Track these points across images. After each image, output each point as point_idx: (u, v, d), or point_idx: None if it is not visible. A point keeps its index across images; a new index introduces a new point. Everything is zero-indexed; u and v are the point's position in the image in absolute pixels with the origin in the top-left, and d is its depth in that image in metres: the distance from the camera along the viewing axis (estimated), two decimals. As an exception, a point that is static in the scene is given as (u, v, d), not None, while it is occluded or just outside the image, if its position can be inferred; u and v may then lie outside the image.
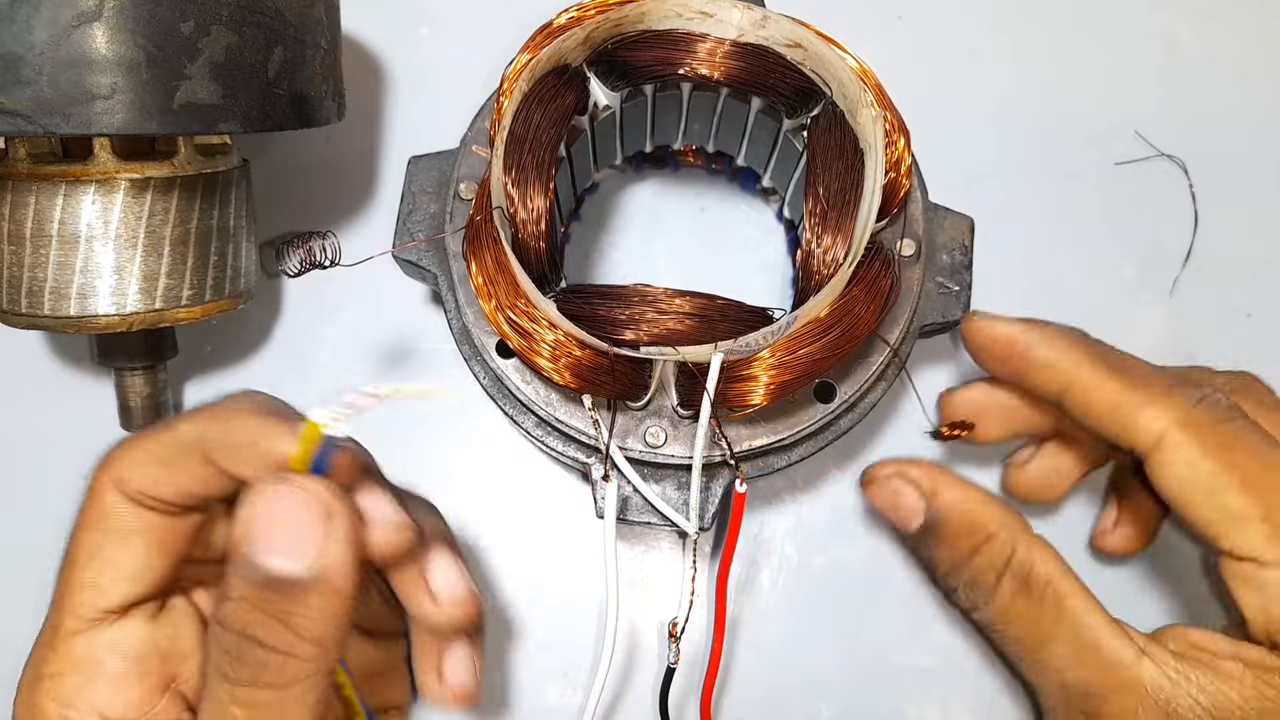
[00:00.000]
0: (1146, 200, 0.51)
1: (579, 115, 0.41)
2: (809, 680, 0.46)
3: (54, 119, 0.34)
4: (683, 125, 0.45)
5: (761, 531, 0.47)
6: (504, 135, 0.38)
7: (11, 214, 0.39)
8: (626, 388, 0.38)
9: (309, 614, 0.30)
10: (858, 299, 0.38)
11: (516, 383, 0.40)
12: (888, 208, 0.40)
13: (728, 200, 0.50)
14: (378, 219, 0.51)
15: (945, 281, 0.43)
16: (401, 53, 0.52)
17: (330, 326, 0.50)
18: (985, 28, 0.54)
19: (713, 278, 0.47)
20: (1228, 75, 0.54)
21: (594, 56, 0.41)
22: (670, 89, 0.42)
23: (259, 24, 0.37)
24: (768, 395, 0.37)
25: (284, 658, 0.29)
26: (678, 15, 0.40)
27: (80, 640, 0.34)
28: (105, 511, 0.34)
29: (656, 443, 0.39)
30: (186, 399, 0.49)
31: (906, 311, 0.41)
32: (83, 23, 0.34)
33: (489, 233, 0.39)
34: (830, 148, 0.39)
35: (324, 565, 0.30)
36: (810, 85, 0.40)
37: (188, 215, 0.41)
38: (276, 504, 0.30)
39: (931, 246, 0.43)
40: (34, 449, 0.48)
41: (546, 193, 0.38)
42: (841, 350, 0.37)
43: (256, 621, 0.29)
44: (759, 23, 0.40)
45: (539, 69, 0.39)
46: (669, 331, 0.37)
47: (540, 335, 0.37)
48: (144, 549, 0.34)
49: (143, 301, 0.40)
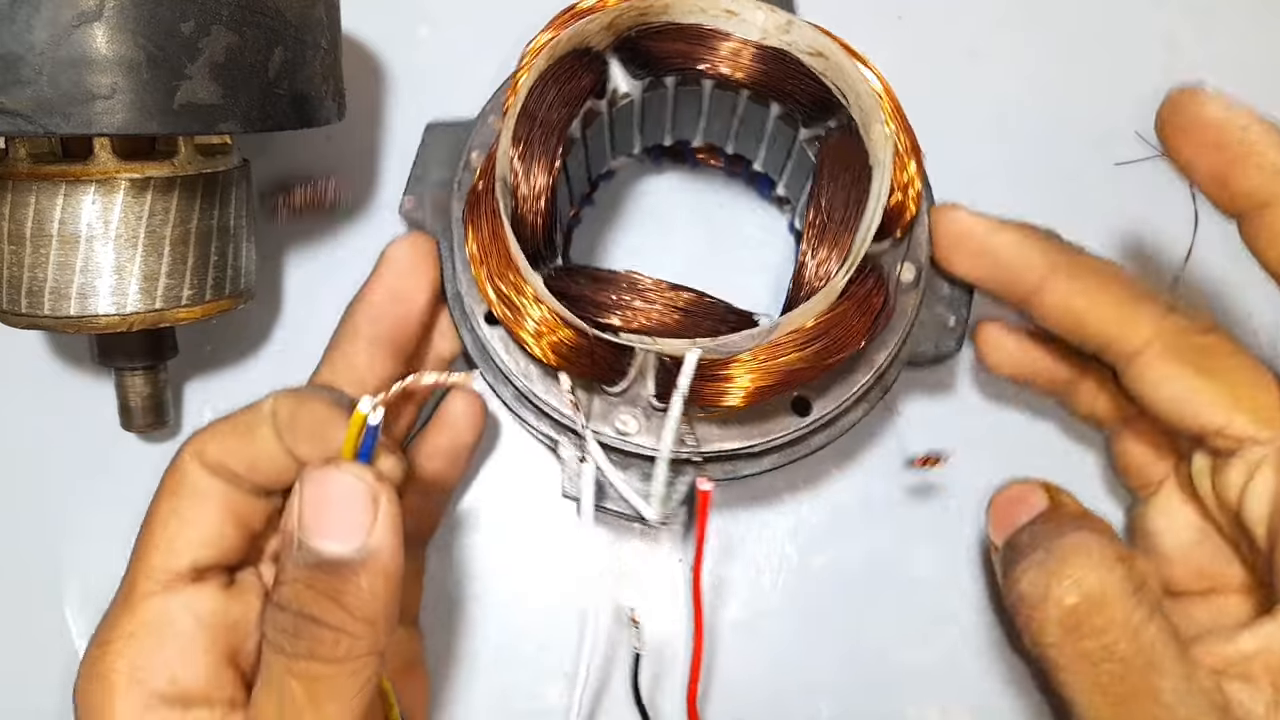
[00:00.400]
0: (1146, 200, 0.51)
1: (596, 99, 0.41)
2: (809, 680, 0.46)
3: (54, 119, 0.34)
4: (702, 123, 0.45)
5: (762, 531, 0.47)
6: (516, 109, 0.38)
7: (11, 214, 0.39)
8: (604, 371, 0.38)
9: (360, 594, 0.31)
10: (845, 315, 0.37)
11: (499, 352, 0.40)
12: (891, 229, 0.40)
13: (742, 203, 0.50)
14: (378, 218, 0.51)
15: (943, 312, 0.42)
16: (401, 53, 0.52)
17: (330, 327, 0.49)
18: (986, 28, 0.53)
19: (716, 276, 0.47)
20: (1228, 75, 0.53)
21: (618, 43, 0.41)
22: (691, 84, 0.42)
23: (259, 24, 0.37)
24: (743, 398, 0.37)
25: (337, 634, 0.31)
26: (703, 11, 0.40)
27: (155, 601, 0.35)
28: (183, 478, 0.36)
29: (627, 430, 0.39)
30: (186, 399, 0.49)
31: (898, 336, 0.40)
32: (83, 23, 0.34)
33: (489, 203, 0.39)
34: (839, 161, 0.39)
35: (373, 547, 0.31)
36: (829, 96, 0.40)
37: (188, 215, 0.41)
38: (326, 488, 0.32)
39: (932, 276, 0.42)
40: (34, 449, 0.48)
41: (551, 170, 0.38)
42: (823, 364, 0.37)
43: (311, 600, 0.31)
44: (783, 27, 0.39)
45: (559, 48, 0.39)
46: (652, 322, 0.37)
47: (525, 309, 0.38)
48: (218, 516, 0.35)
49: (143, 301, 0.40)
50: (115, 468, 0.48)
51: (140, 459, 0.48)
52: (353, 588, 0.31)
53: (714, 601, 0.47)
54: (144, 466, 0.48)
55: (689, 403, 0.37)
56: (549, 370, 0.39)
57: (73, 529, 0.48)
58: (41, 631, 0.46)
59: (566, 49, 0.39)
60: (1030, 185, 0.52)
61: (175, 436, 0.48)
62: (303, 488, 0.32)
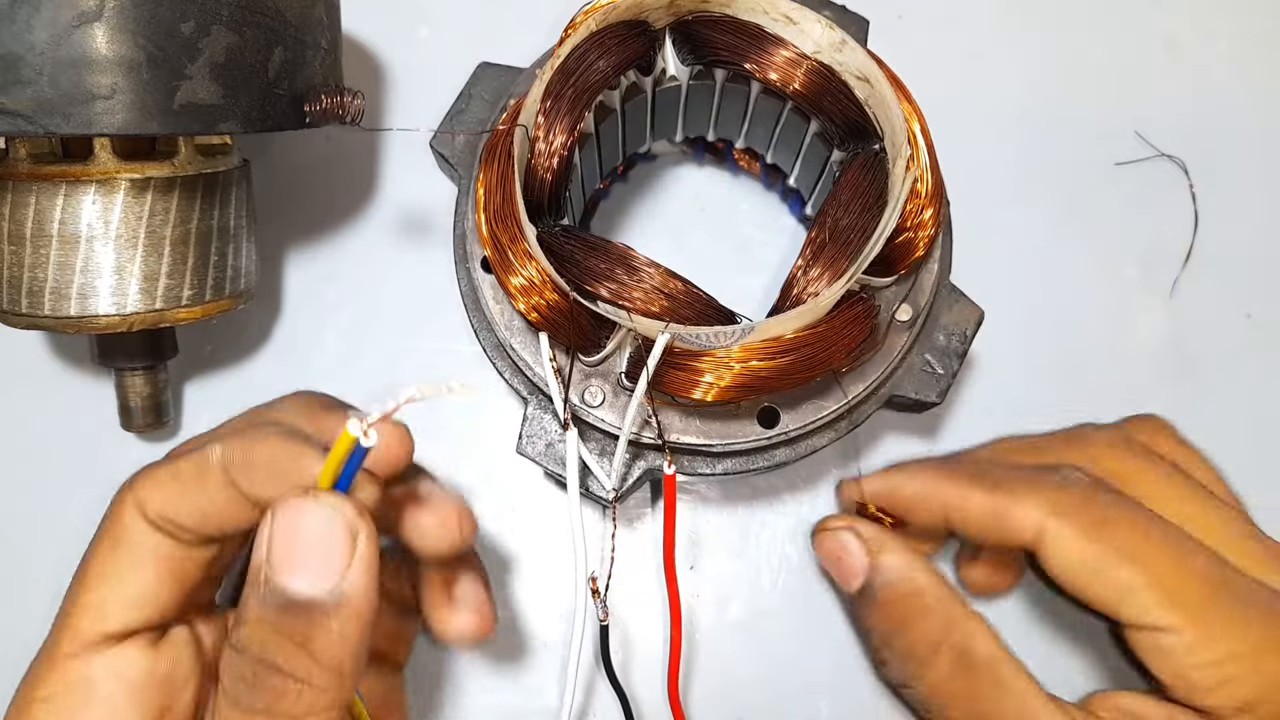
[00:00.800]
0: (1147, 200, 0.51)
1: (642, 75, 0.41)
2: (809, 680, 0.46)
3: (54, 119, 0.34)
4: (745, 125, 0.45)
5: (761, 532, 0.47)
6: (555, 63, 0.38)
7: (12, 214, 0.39)
8: (581, 339, 0.38)
9: (329, 639, 0.28)
10: (824, 335, 0.37)
11: (488, 299, 0.40)
12: (895, 266, 0.40)
13: (771, 214, 0.50)
14: (378, 218, 0.51)
15: (933, 361, 0.42)
16: (401, 53, 0.52)
17: (330, 327, 0.50)
18: (986, 28, 0.54)
19: (727, 276, 0.48)
20: (1228, 75, 0.54)
21: (676, 24, 0.41)
22: (739, 83, 0.42)
23: (259, 24, 0.37)
24: (710, 394, 0.37)
25: (300, 686, 0.28)
26: (764, 13, 0.40)
27: (77, 663, 0.33)
28: (121, 533, 0.33)
29: (594, 402, 0.39)
30: (186, 399, 0.49)
31: (879, 372, 0.40)
32: (83, 23, 0.34)
33: (505, 147, 0.39)
34: (856, 186, 0.39)
35: (346, 588, 0.28)
36: (867, 123, 0.40)
37: (188, 215, 0.41)
38: (299, 521, 0.28)
39: (932, 323, 0.42)
40: (34, 449, 0.48)
41: (573, 131, 0.38)
42: (791, 377, 0.37)
43: (274, 645, 0.28)
44: (837, 45, 0.39)
45: (613, 15, 0.39)
46: (635, 299, 0.37)
47: (517, 260, 0.38)
48: (155, 576, 0.33)
49: (143, 301, 0.40)
50: (115, 468, 0.48)
51: (140, 459, 0.48)
52: (321, 632, 0.28)
53: (714, 601, 0.47)
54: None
55: (657, 386, 0.37)
56: (532, 329, 0.40)
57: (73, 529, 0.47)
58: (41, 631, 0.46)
59: (621, 17, 0.39)
60: (1030, 185, 0.52)
61: (175, 436, 0.48)
62: (274, 519, 0.29)
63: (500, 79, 0.44)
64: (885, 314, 0.40)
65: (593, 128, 0.42)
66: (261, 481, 0.32)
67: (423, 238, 0.50)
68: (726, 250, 0.50)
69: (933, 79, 0.51)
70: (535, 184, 0.39)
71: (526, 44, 0.45)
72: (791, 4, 0.39)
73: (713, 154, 0.50)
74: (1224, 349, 0.50)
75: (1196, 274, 0.51)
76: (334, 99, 0.38)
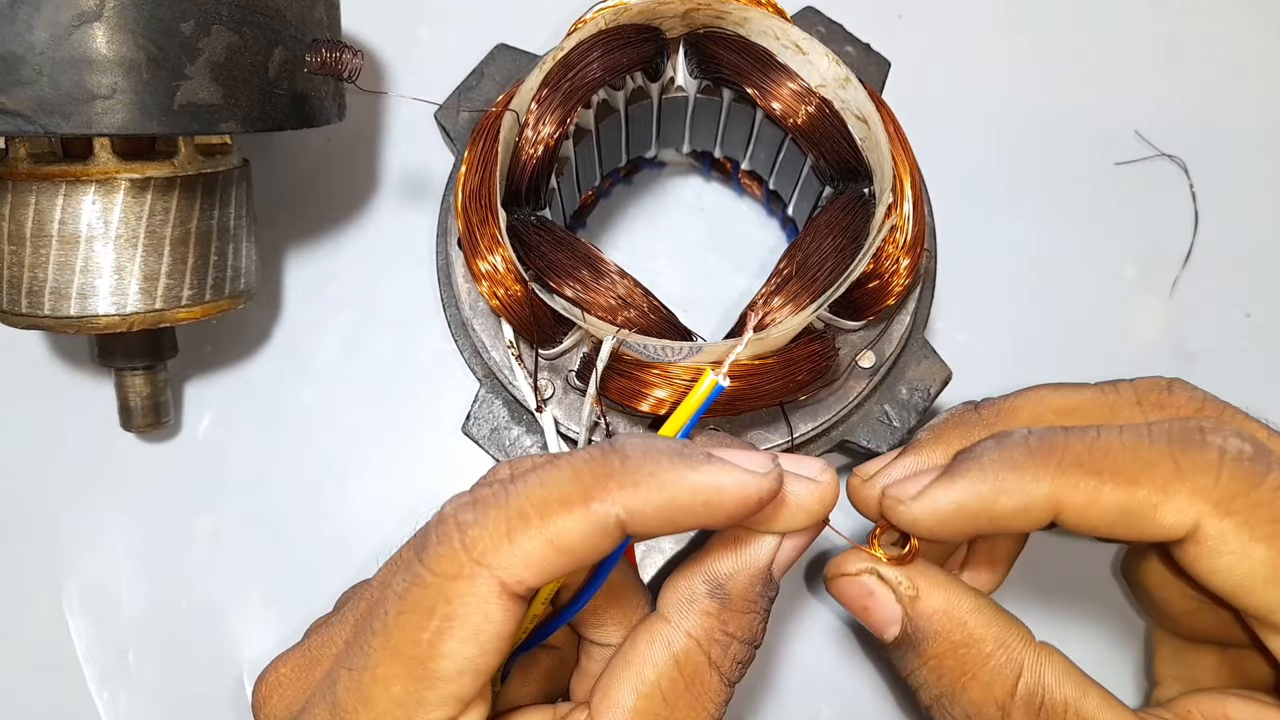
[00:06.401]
0: (1147, 200, 0.51)
1: (649, 80, 0.41)
2: (809, 680, 0.46)
3: (54, 119, 0.34)
4: (750, 148, 0.45)
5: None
6: (558, 54, 0.38)
7: (11, 214, 0.39)
8: (536, 330, 0.38)
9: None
10: (775, 368, 0.37)
11: (457, 277, 0.41)
12: (863, 311, 0.39)
13: (769, 238, 0.50)
14: (378, 218, 0.51)
15: (890, 413, 0.41)
16: (401, 53, 0.52)
17: (330, 327, 0.50)
18: (986, 28, 0.54)
19: (712, 296, 0.47)
20: (1228, 75, 0.54)
21: (689, 36, 0.41)
22: (745, 104, 0.41)
23: (259, 24, 0.37)
24: (651, 406, 0.37)
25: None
26: (775, 38, 0.39)
27: None
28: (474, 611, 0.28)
29: (544, 395, 0.40)
30: (186, 399, 0.49)
31: (831, 414, 0.39)
32: (83, 23, 0.34)
33: (493, 130, 0.39)
34: (834, 224, 0.38)
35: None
36: (859, 164, 0.39)
37: (188, 215, 0.41)
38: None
39: (897, 375, 0.41)
40: (34, 449, 0.48)
41: (564, 123, 0.38)
42: (737, 405, 0.37)
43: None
44: (842, 81, 0.39)
45: (625, 17, 0.39)
46: (593, 301, 0.37)
47: (483, 242, 0.38)
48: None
49: (143, 301, 0.40)
50: (115, 468, 0.48)
51: (140, 459, 0.48)
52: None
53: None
54: (144, 466, 0.48)
55: (604, 392, 0.37)
56: (495, 315, 0.40)
57: (73, 529, 0.48)
58: (41, 631, 0.46)
59: (634, 20, 0.39)
60: (1030, 185, 0.52)
61: (175, 436, 0.48)
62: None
63: (515, 62, 0.44)
64: (847, 357, 0.39)
65: (592, 125, 0.42)
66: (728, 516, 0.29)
67: (423, 237, 0.50)
68: (723, 267, 0.50)
69: (933, 79, 0.52)
70: (518, 170, 0.39)
71: (537, 37, 0.45)
72: (803, 34, 0.39)
73: (719, 172, 0.50)
74: (1224, 349, 0.50)
75: (1196, 274, 0.51)
76: (334, 53, 0.38)
